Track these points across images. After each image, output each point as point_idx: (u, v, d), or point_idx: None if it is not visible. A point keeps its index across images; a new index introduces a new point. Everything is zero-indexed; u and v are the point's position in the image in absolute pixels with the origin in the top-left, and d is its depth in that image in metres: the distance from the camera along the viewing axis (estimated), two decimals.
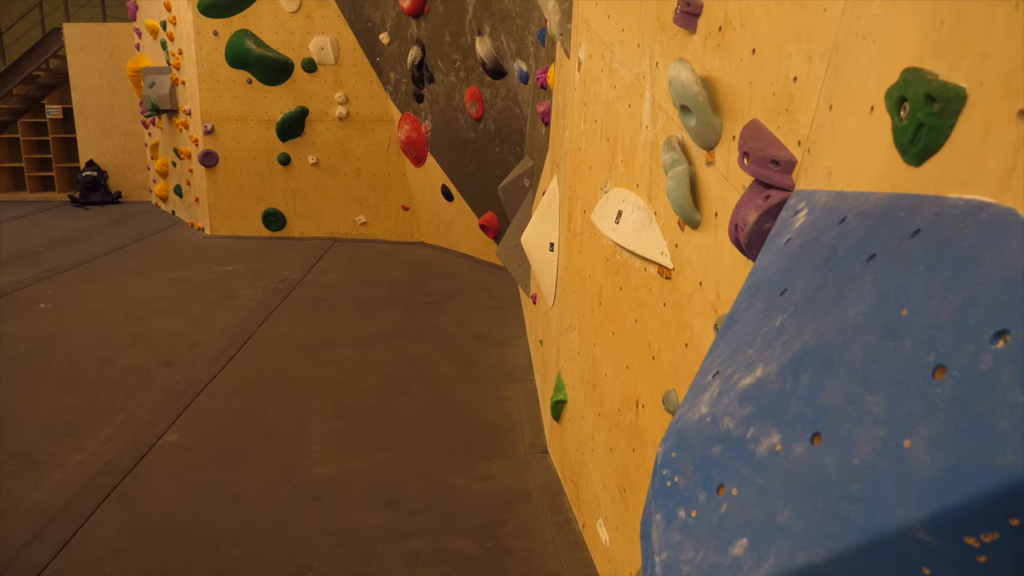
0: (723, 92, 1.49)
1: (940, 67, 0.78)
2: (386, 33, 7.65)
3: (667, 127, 1.78)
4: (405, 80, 7.62)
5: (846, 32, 1.08)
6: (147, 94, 9.41)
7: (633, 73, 2.03)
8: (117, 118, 11.61)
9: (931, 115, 0.75)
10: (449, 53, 6.67)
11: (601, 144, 2.36)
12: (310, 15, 7.92)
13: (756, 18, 1.37)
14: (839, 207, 0.97)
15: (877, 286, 0.72)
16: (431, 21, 6.80)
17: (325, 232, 8.59)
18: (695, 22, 1.60)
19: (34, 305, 5.88)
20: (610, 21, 2.24)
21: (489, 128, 6.44)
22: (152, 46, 9.84)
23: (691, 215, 1.61)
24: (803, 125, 1.24)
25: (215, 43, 8.03)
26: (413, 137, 7.74)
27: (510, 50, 5.68)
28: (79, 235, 8.94)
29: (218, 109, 8.25)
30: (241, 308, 5.80)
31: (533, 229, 3.39)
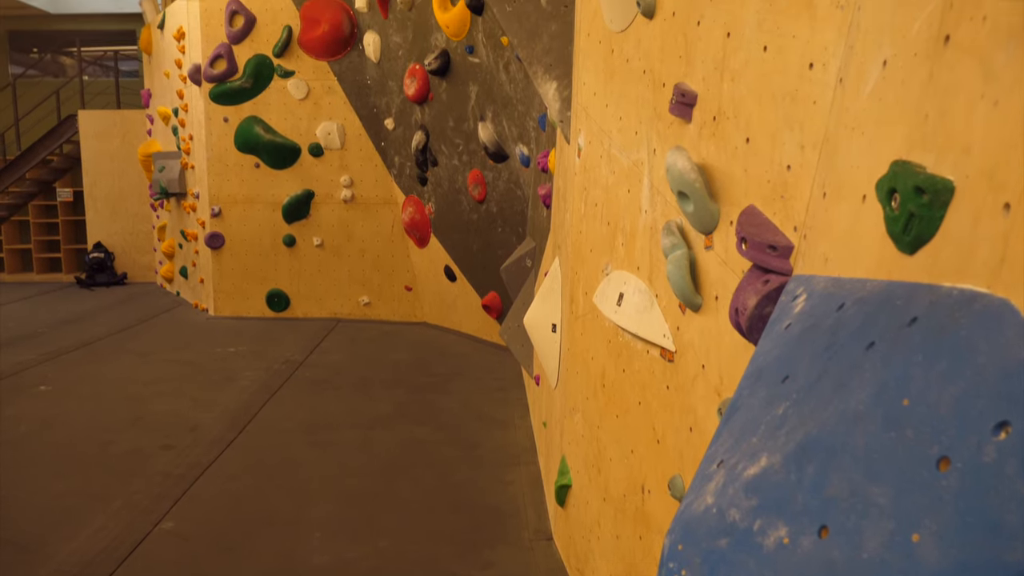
0: (719, 179, 1.52)
1: (927, 159, 0.80)
2: (391, 119, 7.87)
3: (666, 211, 1.81)
4: (409, 164, 7.80)
5: (835, 124, 1.12)
6: (157, 178, 9.62)
7: (631, 159, 2.08)
8: (126, 201, 11.83)
9: (921, 206, 0.77)
10: (452, 138, 6.84)
11: (601, 227, 2.39)
12: (318, 102, 8.17)
13: (749, 109, 1.42)
14: (837, 293, 0.98)
15: (877, 375, 0.72)
16: (435, 107, 7.01)
17: (328, 313, 8.63)
18: (690, 112, 1.65)
19: (35, 387, 5.86)
20: (608, 110, 2.31)
21: (492, 210, 6.55)
22: (163, 132, 10.12)
23: (692, 298, 1.62)
24: (798, 211, 1.26)
25: (225, 129, 8.26)
26: (417, 219, 7.86)
27: (512, 135, 5.83)
28: (83, 316, 8.98)
29: (226, 192, 8.41)
30: (243, 390, 5.77)
31: (535, 310, 3.40)
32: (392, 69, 7.58)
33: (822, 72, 1.19)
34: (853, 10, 1.10)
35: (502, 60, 5.70)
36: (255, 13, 7.99)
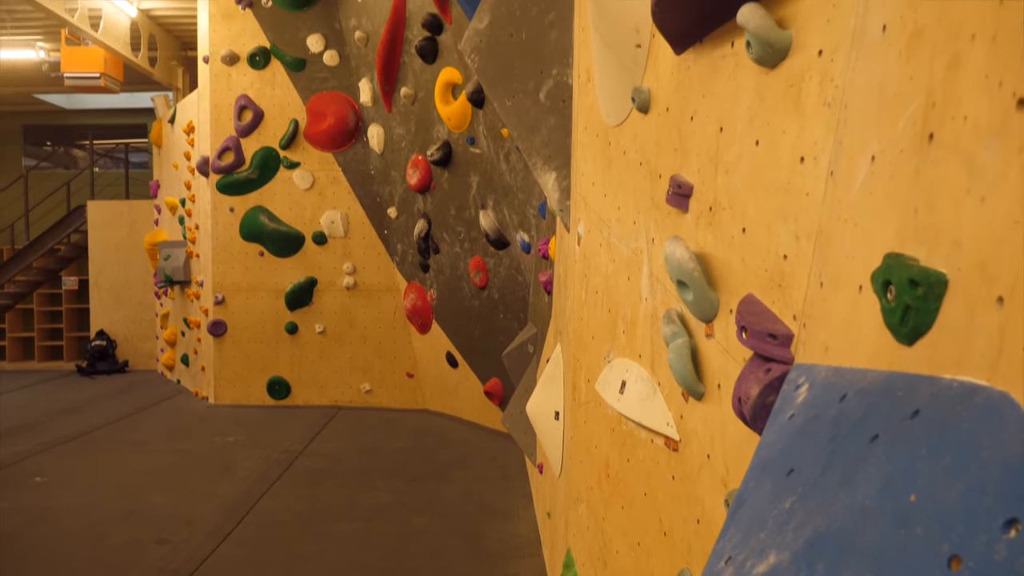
0: (717, 268, 1.54)
1: (919, 252, 0.82)
2: (394, 207, 8.02)
3: (666, 300, 1.83)
4: (411, 251, 7.90)
5: (829, 215, 1.14)
6: (162, 266, 9.73)
7: (630, 248, 2.12)
8: (131, 289, 11.92)
9: (916, 299, 0.78)
10: (454, 225, 6.95)
11: (602, 314, 2.41)
12: (322, 192, 8.35)
13: (744, 200, 1.45)
14: (838, 383, 0.98)
15: (883, 469, 0.72)
16: (437, 196, 7.15)
17: (329, 400, 8.56)
18: (687, 202, 1.69)
19: (30, 479, 5.76)
20: (606, 199, 2.36)
21: (493, 296, 6.59)
22: (170, 221, 10.30)
23: (694, 387, 1.62)
24: (797, 300, 1.28)
25: (231, 218, 8.41)
26: (419, 305, 7.90)
27: (512, 222, 5.93)
28: (82, 405, 8.91)
29: (230, 280, 8.49)
30: (241, 480, 5.66)
31: (538, 397, 3.38)
32: (395, 160, 7.78)
33: (813, 166, 1.22)
34: (840, 107, 1.14)
35: (502, 150, 5.85)
36: (263, 108, 8.26)
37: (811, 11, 1.21)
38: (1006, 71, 0.68)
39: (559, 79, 2.93)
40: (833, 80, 1.16)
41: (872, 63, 1.02)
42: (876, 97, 1.00)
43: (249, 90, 8.25)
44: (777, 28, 1.26)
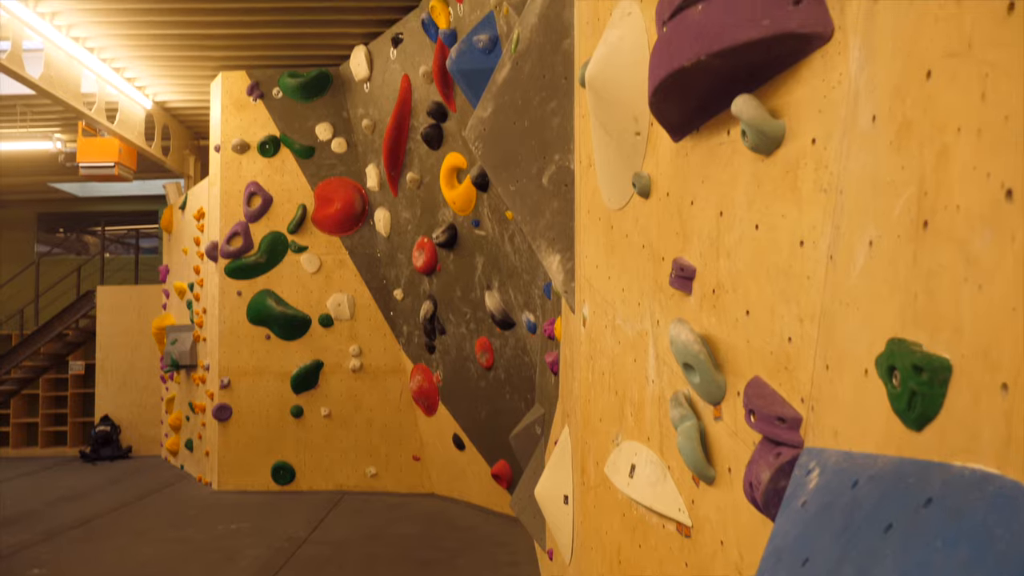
0: (723, 350, 1.55)
1: (922, 337, 0.82)
2: (400, 289, 8.08)
3: (673, 382, 1.82)
4: (417, 332, 7.91)
5: (830, 299, 1.15)
6: (169, 350, 9.75)
7: (636, 330, 2.12)
8: (136, 374, 11.91)
9: (921, 384, 0.78)
10: (460, 306, 6.99)
11: (610, 396, 2.39)
12: (329, 275, 8.43)
13: (746, 283, 1.46)
14: (850, 469, 0.97)
15: (898, 561, 0.71)
16: (442, 278, 7.22)
17: (334, 485, 8.41)
18: (690, 285, 1.70)
19: (28, 571, 5.62)
20: (611, 282, 2.38)
21: (500, 376, 6.56)
22: (178, 306, 10.38)
23: (705, 471, 1.60)
24: (803, 383, 1.27)
25: (238, 302, 8.47)
26: (425, 387, 7.86)
27: (518, 303, 5.96)
28: (84, 492, 8.77)
29: (236, 364, 8.49)
30: (243, 571, 5.52)
31: (547, 480, 3.32)
32: (401, 243, 7.89)
33: (813, 249, 1.24)
34: (836, 193, 1.17)
35: (507, 232, 5.94)
36: (272, 194, 8.44)
37: (803, 102, 1.25)
38: (993, 163, 0.71)
39: (561, 164, 3.00)
40: (827, 167, 1.19)
41: (864, 152, 1.05)
42: (870, 184, 1.02)
43: (259, 177, 8.45)
44: (771, 118, 1.31)
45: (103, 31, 7.52)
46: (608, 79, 1.98)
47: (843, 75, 1.14)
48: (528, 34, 3.03)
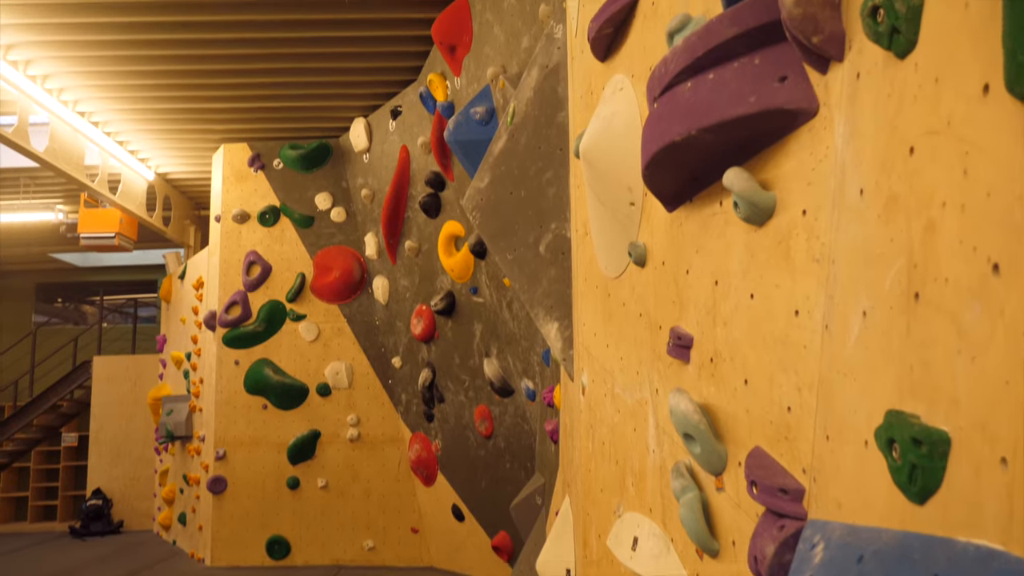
0: (723, 419, 1.54)
1: (919, 409, 0.82)
2: (398, 357, 8.06)
3: (673, 452, 1.81)
4: (416, 401, 7.85)
5: (828, 368, 1.16)
6: (164, 421, 9.65)
7: (635, 398, 2.11)
8: (130, 445, 11.74)
9: (921, 457, 0.78)
10: (458, 374, 6.96)
11: (610, 466, 2.37)
12: (327, 343, 8.41)
13: (744, 352, 1.47)
14: (854, 543, 0.96)
15: None
16: (441, 345, 7.20)
17: (331, 559, 8.21)
18: (688, 354, 1.71)
19: None
20: (609, 350, 2.38)
21: (499, 445, 6.48)
22: (175, 376, 10.31)
23: (708, 543, 1.57)
24: (804, 453, 1.26)
25: (235, 372, 8.42)
26: (423, 456, 7.75)
27: (517, 370, 5.93)
28: (71, 571, 8.54)
29: (232, 435, 8.38)
30: None
31: (548, 553, 3.25)
32: (400, 310, 7.90)
33: (808, 319, 1.25)
34: (828, 263, 1.19)
35: (505, 299, 5.96)
36: (271, 263, 8.49)
37: (792, 174, 1.28)
38: (978, 237, 0.72)
39: (558, 233, 3.04)
40: (819, 238, 1.21)
41: (854, 224, 1.07)
42: (861, 255, 1.04)
43: (258, 246, 8.52)
44: (761, 190, 1.33)
45: (108, 106, 7.69)
46: (602, 152, 2.02)
47: (830, 149, 1.17)
48: (524, 107, 3.11)
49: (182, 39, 6.28)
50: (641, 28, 1.96)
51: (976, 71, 0.72)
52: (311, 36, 6.36)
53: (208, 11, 5.84)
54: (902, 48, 0.87)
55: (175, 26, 6.04)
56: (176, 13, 5.83)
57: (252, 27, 6.13)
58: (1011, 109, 0.65)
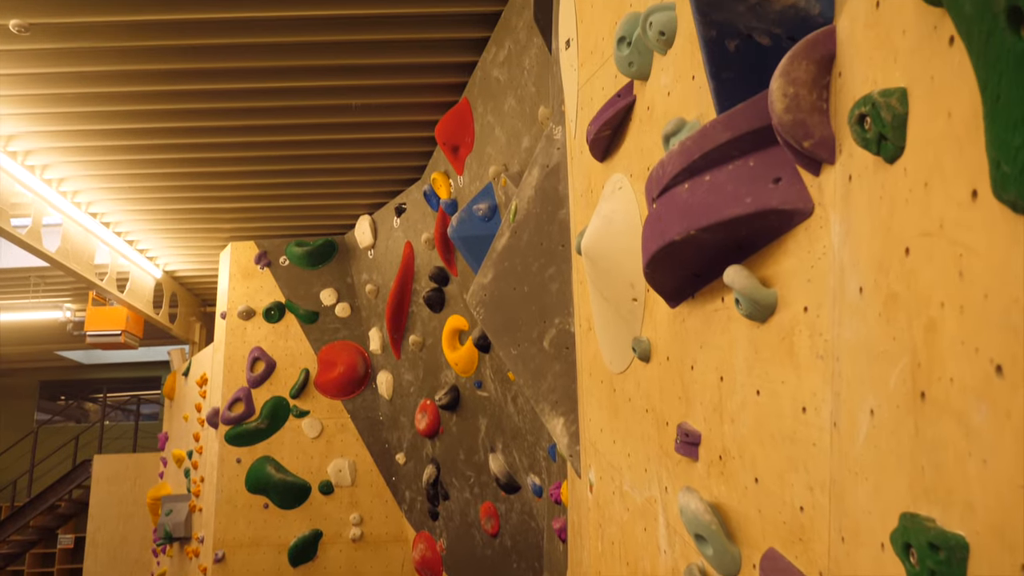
0: (735, 519, 1.50)
1: (934, 512, 0.81)
2: (402, 453, 7.93)
3: (686, 553, 1.75)
4: (420, 498, 7.67)
5: (839, 467, 1.14)
6: (163, 522, 9.41)
7: (644, 496, 2.07)
8: (128, 547, 11.43)
9: (939, 563, 0.76)
10: (463, 470, 6.83)
11: (621, 568, 2.29)
12: (330, 440, 8.30)
13: (752, 449, 1.45)
14: None
15: None
16: (445, 440, 7.10)
17: None
18: (696, 451, 1.68)
19: None
20: (616, 446, 2.35)
21: (506, 544, 6.29)
22: (175, 474, 10.13)
23: None
24: (820, 555, 1.23)
25: (237, 470, 8.28)
26: (428, 556, 7.52)
27: (523, 465, 5.83)
28: None
29: (231, 535, 8.16)
30: None
31: None
32: (404, 405, 7.84)
33: (815, 416, 1.24)
34: (832, 360, 1.19)
35: (509, 393, 5.92)
36: (276, 359, 8.48)
37: (792, 272, 1.30)
38: (979, 339, 0.73)
39: (561, 328, 3.05)
40: (822, 335, 1.22)
41: (855, 321, 1.07)
42: (864, 353, 1.04)
43: (263, 342, 8.53)
44: (762, 287, 1.35)
45: (120, 207, 7.88)
46: (603, 249, 2.05)
47: (827, 247, 1.19)
48: (525, 205, 3.18)
49: (193, 143, 6.49)
50: (638, 131, 2.02)
51: (964, 177, 0.74)
52: (318, 139, 6.57)
53: (217, 117, 6.06)
54: (890, 154, 0.90)
55: (186, 131, 6.26)
56: (186, 119, 6.05)
57: (260, 131, 6.35)
58: (999, 215, 0.67)
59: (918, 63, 0.84)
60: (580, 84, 2.61)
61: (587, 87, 2.52)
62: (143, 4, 4.55)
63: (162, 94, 5.63)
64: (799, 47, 1.11)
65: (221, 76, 5.43)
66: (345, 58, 5.30)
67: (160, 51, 5.05)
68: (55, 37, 4.83)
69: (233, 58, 5.19)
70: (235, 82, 5.52)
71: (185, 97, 5.70)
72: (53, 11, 4.57)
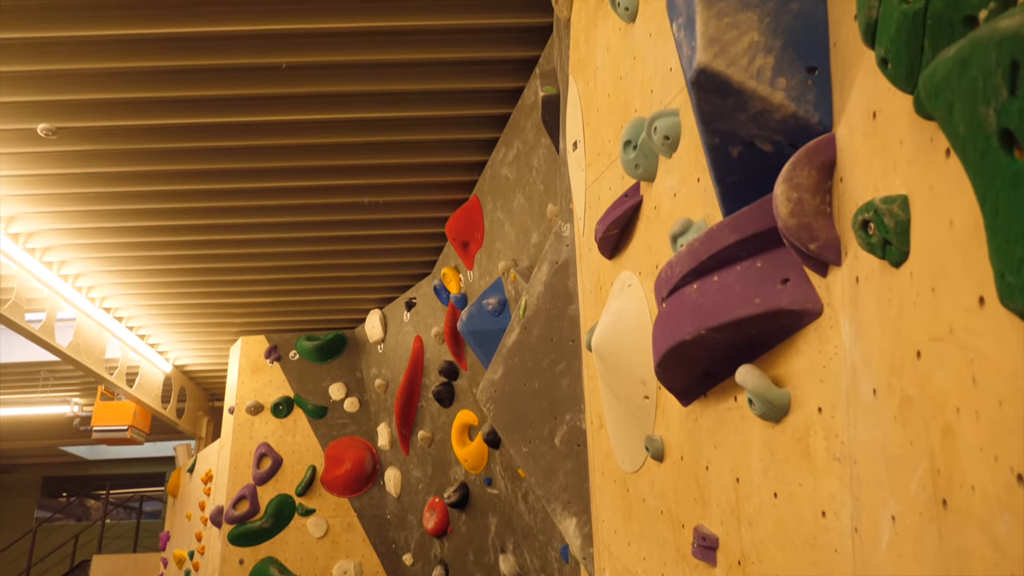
0: None
1: None
2: (410, 554, 7.69)
3: None
4: None
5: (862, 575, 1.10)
6: None
7: None
8: None
9: None
10: (473, 572, 6.60)
11: None
12: (336, 540, 8.08)
13: (772, 554, 1.41)
14: None
15: None
16: (454, 540, 6.90)
17: None
18: (714, 556, 1.63)
19: None
20: (631, 548, 2.28)
21: None
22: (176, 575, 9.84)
23: None
24: None
25: (239, 572, 8.03)
26: None
27: (534, 567, 5.64)
28: None
29: None
30: None
31: None
32: (412, 503, 7.66)
33: (836, 520, 1.21)
34: (850, 463, 1.17)
35: (520, 490, 5.79)
36: (283, 455, 8.37)
37: (804, 372, 1.29)
38: (997, 446, 0.72)
39: (572, 424, 3.01)
40: (838, 436, 1.20)
41: (871, 423, 1.06)
42: (882, 457, 1.03)
43: (270, 438, 8.44)
44: (774, 387, 1.34)
45: (133, 301, 7.97)
46: (614, 346, 2.06)
47: (838, 348, 1.19)
48: (535, 301, 3.20)
49: (207, 239, 6.63)
50: (645, 230, 2.06)
51: (970, 283, 0.75)
52: (330, 235, 6.70)
53: (231, 215, 6.20)
54: (896, 259, 0.92)
55: (201, 228, 6.40)
56: (201, 216, 6.20)
57: (274, 228, 6.49)
58: (1008, 323, 0.68)
59: (917, 172, 0.86)
60: (588, 184, 2.68)
61: (595, 187, 2.59)
62: (165, 108, 4.75)
63: (178, 192, 5.79)
64: (801, 154, 1.15)
65: (235, 175, 5.60)
66: (358, 158, 5.47)
67: (176, 153, 5.23)
68: (80, 140, 5.02)
69: (247, 159, 5.37)
70: (249, 181, 5.69)
71: (200, 195, 5.86)
72: (81, 115, 4.77)
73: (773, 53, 1.15)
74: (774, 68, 1.15)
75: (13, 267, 6.43)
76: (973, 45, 0.56)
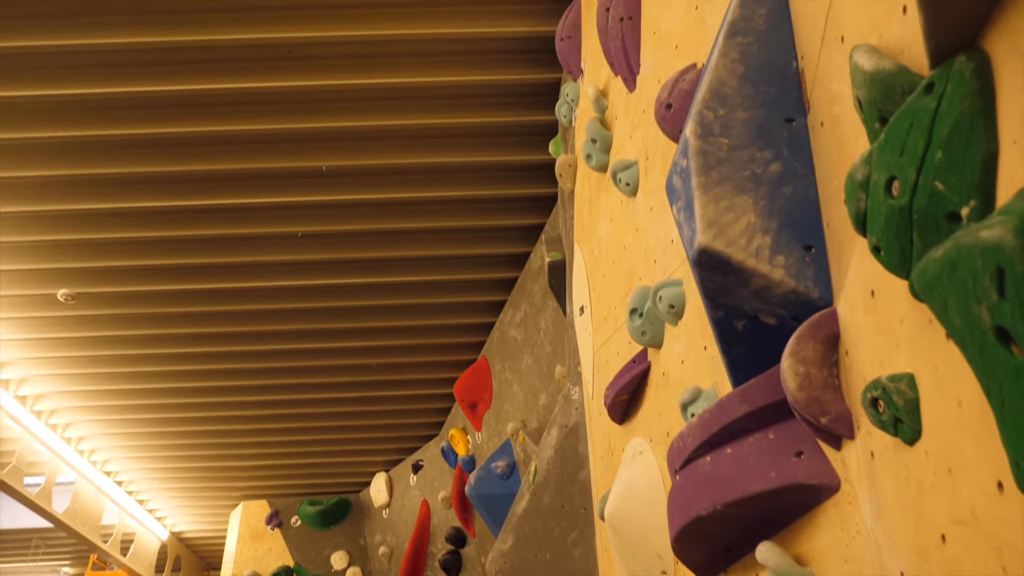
0: None
1: None
2: None
3: None
4: None
5: None
6: None
7: None
8: None
9: None
10: None
11: None
12: None
13: None
14: None
15: None
16: None
17: None
18: None
19: None
20: None
21: None
22: None
23: None
24: None
25: None
26: None
27: None
28: None
29: None
30: None
31: None
32: None
33: None
34: None
35: None
36: None
37: (826, 550, 1.25)
38: None
39: None
40: None
41: None
42: None
43: None
44: (797, 566, 1.29)
45: (134, 465, 7.83)
46: (627, 517, 1.99)
47: (860, 526, 1.15)
48: (545, 466, 3.14)
49: (212, 402, 6.60)
50: (654, 396, 2.06)
51: (986, 467, 0.75)
52: (336, 397, 6.67)
53: (237, 377, 6.23)
54: (908, 436, 0.91)
55: (206, 391, 6.41)
56: (205, 379, 6.22)
57: (281, 390, 6.48)
58: None
59: (920, 352, 0.88)
60: (595, 348, 2.70)
61: (602, 351, 2.61)
62: (185, 274, 4.90)
63: (186, 355, 5.85)
64: (804, 328, 1.17)
65: (242, 338, 5.68)
66: (367, 320, 5.56)
67: (186, 317, 5.35)
68: (97, 304, 5.14)
69: (254, 322, 5.47)
70: (256, 343, 5.75)
71: (207, 358, 5.91)
72: (98, 281, 4.92)
73: (770, 233, 1.21)
74: (772, 247, 1.20)
75: (17, 430, 6.39)
76: (959, 249, 0.59)
